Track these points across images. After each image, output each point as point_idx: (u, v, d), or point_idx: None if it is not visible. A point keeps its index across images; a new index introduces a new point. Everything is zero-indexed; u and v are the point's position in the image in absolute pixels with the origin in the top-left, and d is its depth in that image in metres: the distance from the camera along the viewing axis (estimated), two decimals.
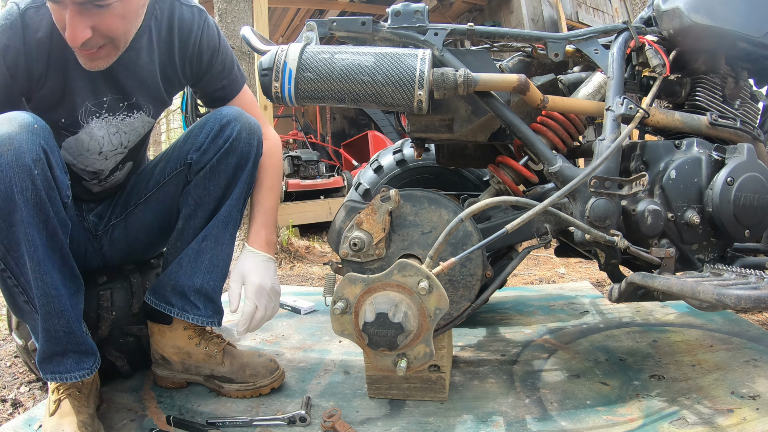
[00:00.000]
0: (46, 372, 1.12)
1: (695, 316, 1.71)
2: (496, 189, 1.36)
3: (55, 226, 1.03)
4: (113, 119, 1.25)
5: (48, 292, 1.05)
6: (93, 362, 1.16)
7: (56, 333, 1.09)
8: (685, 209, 1.15)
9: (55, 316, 1.07)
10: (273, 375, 1.32)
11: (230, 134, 1.25)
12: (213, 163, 1.26)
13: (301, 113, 7.56)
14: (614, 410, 1.16)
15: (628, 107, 1.16)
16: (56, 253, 1.05)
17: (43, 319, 1.07)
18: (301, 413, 1.16)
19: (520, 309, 1.95)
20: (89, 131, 1.23)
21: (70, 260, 1.11)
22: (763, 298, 0.82)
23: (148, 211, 1.36)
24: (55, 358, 1.11)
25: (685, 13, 1.22)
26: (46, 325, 1.08)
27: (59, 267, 1.07)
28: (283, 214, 4.16)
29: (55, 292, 1.05)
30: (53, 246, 1.04)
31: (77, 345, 1.13)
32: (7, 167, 0.95)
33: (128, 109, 1.26)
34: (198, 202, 1.28)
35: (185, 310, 1.29)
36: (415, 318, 1.02)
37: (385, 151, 1.77)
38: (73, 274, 1.12)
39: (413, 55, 1.08)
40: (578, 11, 6.28)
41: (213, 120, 1.28)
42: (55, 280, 1.05)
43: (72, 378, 1.12)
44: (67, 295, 1.08)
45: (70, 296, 1.10)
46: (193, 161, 1.28)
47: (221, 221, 1.28)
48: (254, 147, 1.28)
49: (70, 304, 1.09)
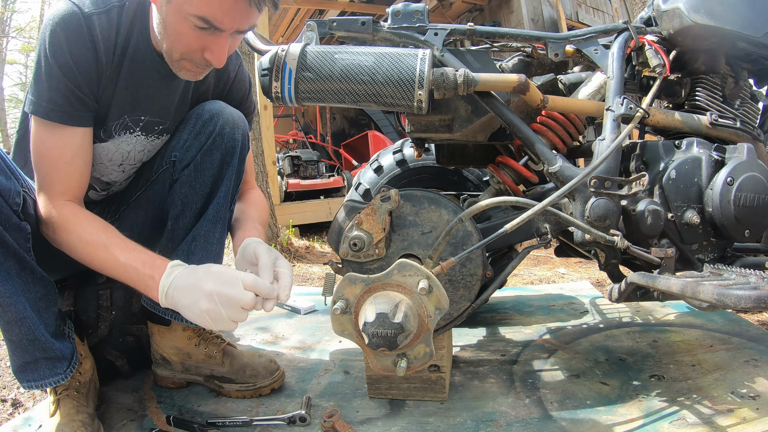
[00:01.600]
0: (22, 380, 1.10)
1: (695, 316, 1.71)
2: (496, 189, 1.36)
3: (2, 234, 0.98)
4: (144, 139, 1.24)
5: (2, 301, 1.00)
6: (67, 366, 1.12)
7: (20, 342, 1.06)
8: (685, 209, 1.15)
9: (14, 325, 1.03)
10: (273, 375, 1.31)
11: (213, 129, 1.24)
12: (197, 160, 1.24)
13: (301, 113, 7.56)
14: (614, 410, 1.16)
15: (628, 107, 1.16)
16: (9, 260, 1.00)
17: (3, 329, 1.04)
18: (301, 413, 1.16)
19: (520, 309, 1.95)
20: (117, 143, 1.21)
21: (30, 264, 1.05)
22: (763, 298, 0.82)
23: (139, 210, 1.34)
24: (28, 366, 1.08)
25: (685, 13, 1.22)
26: (9, 335, 1.05)
27: (16, 274, 1.01)
28: (283, 214, 4.16)
29: (10, 300, 1.01)
30: (3, 254, 0.99)
31: (45, 351, 1.09)
32: None
33: (161, 132, 1.26)
34: (185, 201, 1.25)
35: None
36: (415, 318, 1.02)
37: (385, 151, 1.77)
38: (36, 277, 1.07)
39: (413, 55, 1.08)
40: (578, 11, 6.28)
41: (195, 116, 1.26)
42: (10, 288, 1.00)
43: (48, 384, 1.10)
44: (28, 302, 1.04)
45: (35, 301, 1.06)
46: (177, 159, 1.25)
47: (210, 221, 1.25)
48: (239, 141, 1.26)
49: (34, 310, 1.05)
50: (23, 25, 15.86)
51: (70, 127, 1.07)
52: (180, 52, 1.05)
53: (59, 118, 1.05)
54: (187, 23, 0.99)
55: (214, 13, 0.96)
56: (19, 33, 15.51)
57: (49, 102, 1.04)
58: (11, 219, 1.01)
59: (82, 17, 1.03)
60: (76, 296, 1.34)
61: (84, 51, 1.04)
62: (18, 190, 1.04)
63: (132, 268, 1.03)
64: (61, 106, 1.05)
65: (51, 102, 1.04)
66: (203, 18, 0.96)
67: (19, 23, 16.12)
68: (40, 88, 1.04)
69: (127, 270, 1.03)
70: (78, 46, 1.03)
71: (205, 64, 1.08)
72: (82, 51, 1.04)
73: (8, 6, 14.79)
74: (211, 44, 1.03)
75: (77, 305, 1.33)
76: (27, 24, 15.78)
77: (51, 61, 1.02)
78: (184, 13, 0.97)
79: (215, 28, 0.99)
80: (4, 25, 14.59)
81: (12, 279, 1.01)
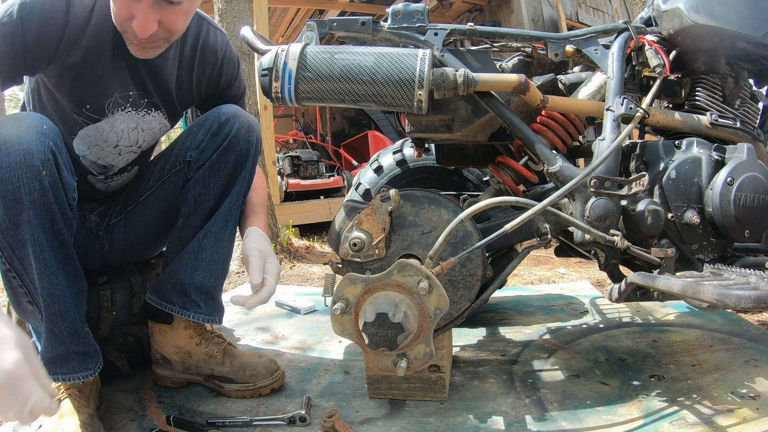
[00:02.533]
0: (51, 373, 1.11)
1: (695, 316, 1.71)
2: (496, 189, 1.36)
3: (62, 227, 1.04)
4: (135, 114, 1.27)
5: (53, 292, 1.05)
6: (96, 362, 1.16)
7: (60, 334, 1.09)
8: (685, 209, 1.15)
9: (59, 317, 1.07)
10: (273, 376, 1.31)
11: (229, 131, 1.26)
12: (212, 160, 1.26)
13: (301, 113, 7.56)
14: (614, 410, 1.16)
15: (628, 107, 1.16)
16: (61, 253, 1.06)
17: (47, 320, 1.07)
18: (301, 413, 1.16)
19: (520, 309, 1.95)
20: (111, 122, 1.24)
21: (74, 260, 1.11)
22: (763, 298, 0.82)
23: (147, 210, 1.36)
24: (59, 359, 1.11)
25: (685, 13, 1.21)
26: (51, 326, 1.08)
27: (64, 267, 1.07)
28: (283, 214, 4.16)
29: (60, 292, 1.05)
30: (59, 247, 1.05)
31: (81, 345, 1.13)
32: (16, 168, 0.96)
33: (148, 106, 1.28)
34: (198, 200, 1.28)
35: (186, 308, 1.29)
36: (415, 318, 1.02)
37: (385, 151, 1.77)
38: (77, 273, 1.12)
39: (413, 55, 1.08)
40: (578, 11, 6.28)
41: (212, 118, 1.28)
42: (61, 281, 1.05)
43: (76, 378, 1.12)
44: (71, 296, 1.08)
45: (74, 296, 1.10)
46: (192, 159, 1.28)
47: (221, 219, 1.28)
48: (253, 144, 1.29)
49: (74, 305, 1.09)
50: None
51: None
52: (118, 23, 1.09)
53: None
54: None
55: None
56: None
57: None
58: (66, 213, 1.05)
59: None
60: None
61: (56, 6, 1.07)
62: (74, 185, 1.08)
63: None
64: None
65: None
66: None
67: None
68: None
69: None
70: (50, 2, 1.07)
71: (140, 38, 1.09)
72: (53, 5, 1.07)
73: None
74: (136, 11, 1.05)
75: None
76: None
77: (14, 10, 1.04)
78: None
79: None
80: None
81: (64, 272, 1.06)
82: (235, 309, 2.08)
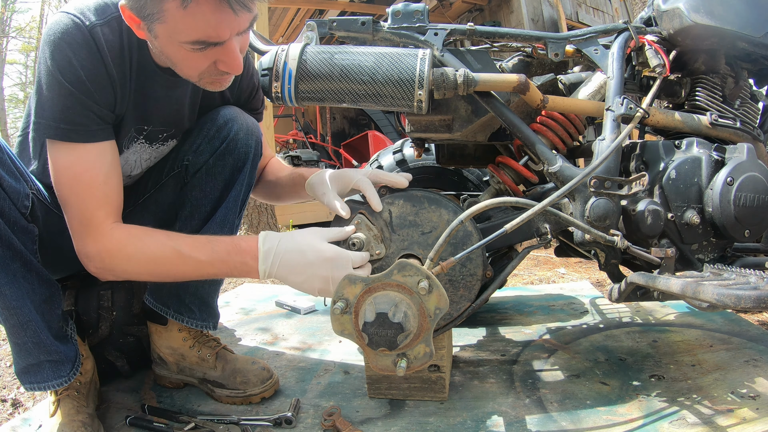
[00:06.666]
0: (24, 382, 1.09)
1: (695, 316, 1.71)
2: (496, 189, 1.36)
3: (10, 237, 0.97)
4: (149, 147, 1.22)
5: (8, 305, 0.99)
6: (70, 369, 1.12)
7: (25, 345, 1.05)
8: (685, 209, 1.15)
9: (19, 329, 1.03)
10: (264, 384, 1.29)
11: (227, 135, 1.23)
12: (209, 164, 1.23)
13: (301, 113, 7.57)
14: (614, 410, 1.16)
15: (628, 107, 1.16)
16: (15, 263, 0.99)
17: (8, 333, 1.03)
18: (287, 415, 1.16)
19: (520, 309, 1.95)
20: (126, 156, 1.19)
21: (36, 267, 1.04)
22: (763, 298, 0.82)
23: (146, 213, 1.34)
24: (32, 368, 1.08)
25: (685, 12, 1.21)
26: (14, 339, 1.04)
27: (22, 277, 1.00)
28: (283, 213, 4.16)
29: (17, 303, 1.00)
30: (10, 257, 0.98)
31: (49, 354, 1.08)
32: None
33: (165, 139, 1.24)
34: (194, 204, 1.25)
35: (180, 312, 1.29)
36: (415, 318, 1.02)
37: (385, 151, 1.77)
38: (41, 279, 1.05)
39: (413, 55, 1.08)
40: (578, 11, 6.28)
41: (210, 120, 1.25)
42: (16, 292, 0.99)
43: (51, 387, 1.09)
44: (33, 305, 1.03)
45: (40, 304, 1.05)
46: (190, 162, 1.24)
47: (217, 224, 1.24)
48: (252, 147, 1.26)
49: (39, 313, 1.04)
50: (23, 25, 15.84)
51: (96, 144, 1.01)
52: (197, 75, 1.01)
53: (82, 138, 0.99)
54: (186, 50, 0.94)
55: (207, 32, 0.91)
56: (19, 33, 15.51)
57: (66, 123, 0.97)
58: (19, 221, 1.00)
59: (87, 30, 0.96)
60: (78, 296, 1.34)
61: (95, 63, 0.98)
62: (27, 192, 1.03)
63: (219, 262, 1.04)
64: (80, 125, 0.98)
65: (69, 123, 0.97)
66: (198, 41, 0.92)
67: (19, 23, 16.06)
68: (52, 109, 0.97)
69: (214, 266, 1.04)
70: (88, 60, 0.97)
71: (224, 74, 1.03)
72: (93, 64, 0.97)
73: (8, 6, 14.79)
74: (220, 56, 0.97)
75: (78, 305, 1.33)
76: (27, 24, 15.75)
77: (60, 79, 0.95)
78: (178, 43, 0.93)
79: (215, 44, 0.94)
80: (4, 25, 14.59)
81: (18, 282, 1.00)
82: (235, 309, 2.08)
